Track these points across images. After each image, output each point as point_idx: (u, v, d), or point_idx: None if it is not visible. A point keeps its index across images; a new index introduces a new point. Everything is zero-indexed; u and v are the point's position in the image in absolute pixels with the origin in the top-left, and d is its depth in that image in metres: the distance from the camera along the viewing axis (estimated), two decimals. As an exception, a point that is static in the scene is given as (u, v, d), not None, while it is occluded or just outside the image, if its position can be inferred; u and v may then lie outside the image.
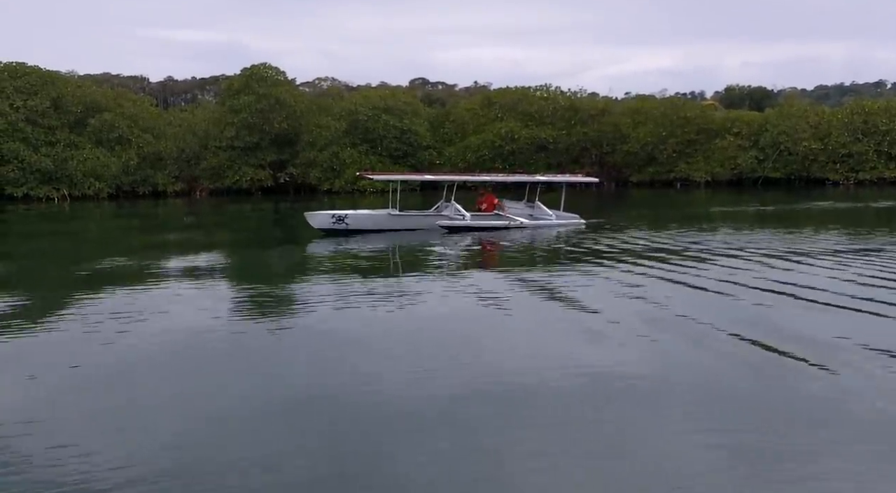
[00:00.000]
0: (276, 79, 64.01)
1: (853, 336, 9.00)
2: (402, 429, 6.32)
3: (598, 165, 67.94)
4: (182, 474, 5.52)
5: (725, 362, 8.07)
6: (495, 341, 9.37)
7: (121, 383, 7.82)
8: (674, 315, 10.29)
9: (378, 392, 7.29)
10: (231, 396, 7.28)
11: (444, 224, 24.70)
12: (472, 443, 5.95)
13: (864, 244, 18.79)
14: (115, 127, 58.78)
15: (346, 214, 24.92)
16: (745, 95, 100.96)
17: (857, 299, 11.33)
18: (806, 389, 7.16)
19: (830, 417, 6.46)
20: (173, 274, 15.84)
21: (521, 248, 20.57)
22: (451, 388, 7.34)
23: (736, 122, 67.61)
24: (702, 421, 6.39)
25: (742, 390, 7.12)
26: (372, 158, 63.41)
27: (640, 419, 6.47)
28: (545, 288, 13.05)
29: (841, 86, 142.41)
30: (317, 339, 9.60)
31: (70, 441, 6.15)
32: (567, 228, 25.43)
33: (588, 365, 7.99)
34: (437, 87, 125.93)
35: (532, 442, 5.95)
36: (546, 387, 7.28)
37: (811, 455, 5.72)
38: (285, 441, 6.08)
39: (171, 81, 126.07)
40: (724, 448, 5.83)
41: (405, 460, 5.71)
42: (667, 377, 7.60)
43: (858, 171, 62.94)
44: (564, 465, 5.59)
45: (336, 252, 20.25)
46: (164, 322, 10.58)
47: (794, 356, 8.14)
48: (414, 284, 14.07)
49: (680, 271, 14.39)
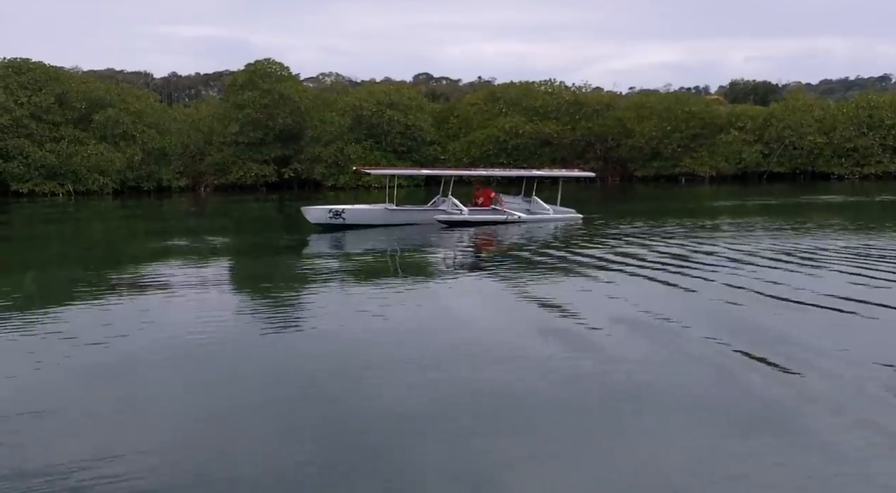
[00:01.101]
0: (280, 74, 64.00)
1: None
2: (399, 430, 6.30)
3: (603, 160, 67.89)
4: (180, 475, 5.51)
5: (703, 366, 7.89)
6: (475, 340, 9.29)
7: (121, 381, 7.82)
8: (657, 317, 10.03)
9: (376, 394, 7.24)
10: (225, 396, 7.22)
11: (442, 219, 24.52)
12: (471, 447, 5.91)
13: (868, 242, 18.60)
14: (119, 123, 58.83)
15: (343, 209, 24.67)
16: (749, 90, 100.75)
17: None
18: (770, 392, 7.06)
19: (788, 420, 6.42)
20: (171, 275, 15.64)
21: (517, 245, 20.17)
22: (448, 390, 7.29)
23: (741, 116, 67.52)
24: (698, 426, 6.37)
25: (722, 395, 7.06)
26: (376, 153, 63.40)
27: (639, 423, 6.43)
28: (538, 288, 12.90)
29: (846, 80, 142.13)
30: (314, 339, 9.53)
31: (68, 441, 6.15)
32: (564, 223, 25.27)
33: (579, 368, 7.92)
34: (441, 82, 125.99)
35: (523, 447, 5.91)
36: (533, 390, 7.18)
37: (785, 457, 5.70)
38: (280, 444, 6.04)
39: (175, 77, 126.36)
40: (716, 451, 5.83)
41: (404, 461, 5.70)
42: (658, 380, 7.50)
43: (864, 165, 62.83)
44: (554, 469, 5.58)
45: (334, 249, 20.18)
46: (161, 322, 10.46)
47: (764, 360, 7.97)
48: (413, 283, 13.98)
49: (670, 271, 14.00)
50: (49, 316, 10.95)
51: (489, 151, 64.91)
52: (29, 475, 5.46)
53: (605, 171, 68.32)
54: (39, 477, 5.40)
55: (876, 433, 5.92)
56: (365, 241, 21.13)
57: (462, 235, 22.21)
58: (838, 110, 65.96)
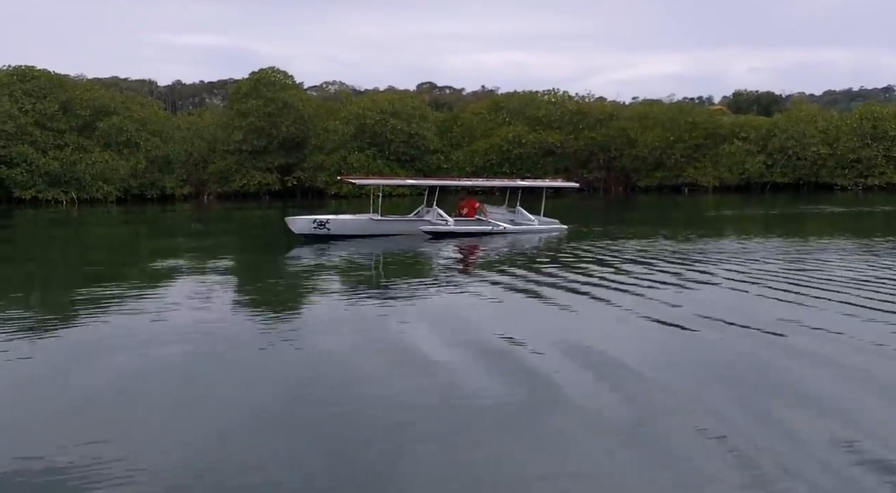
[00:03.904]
0: (284, 83, 64.11)
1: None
2: (397, 441, 6.32)
3: (606, 169, 67.91)
4: (178, 484, 5.53)
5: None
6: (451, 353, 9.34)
7: (121, 392, 7.82)
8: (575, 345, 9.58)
9: (373, 404, 7.26)
10: (222, 407, 7.25)
11: (427, 229, 24.35)
12: (465, 457, 5.94)
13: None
14: (123, 130, 58.93)
15: (328, 220, 24.32)
16: (753, 101, 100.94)
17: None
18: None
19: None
20: (169, 285, 15.62)
21: (501, 256, 20.01)
22: (439, 401, 7.32)
23: (744, 127, 67.48)
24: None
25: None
26: (379, 162, 63.44)
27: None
28: (524, 298, 12.92)
29: (849, 91, 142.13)
30: (306, 353, 9.47)
31: (65, 448, 6.16)
32: (549, 234, 25.14)
33: (560, 382, 7.93)
34: (445, 91, 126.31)
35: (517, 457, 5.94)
36: (512, 404, 7.20)
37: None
38: (278, 454, 6.05)
39: (179, 85, 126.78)
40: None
41: (400, 472, 5.72)
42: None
43: (867, 176, 62.77)
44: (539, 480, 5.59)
45: (320, 261, 19.67)
46: (158, 334, 10.41)
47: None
48: (402, 296, 13.77)
49: (624, 291, 13.55)
50: (41, 329, 10.92)
51: (492, 160, 64.96)
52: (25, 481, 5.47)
53: (608, 181, 68.39)
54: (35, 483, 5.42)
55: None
56: (351, 252, 20.85)
57: (448, 246, 22.00)
58: (842, 121, 65.90)
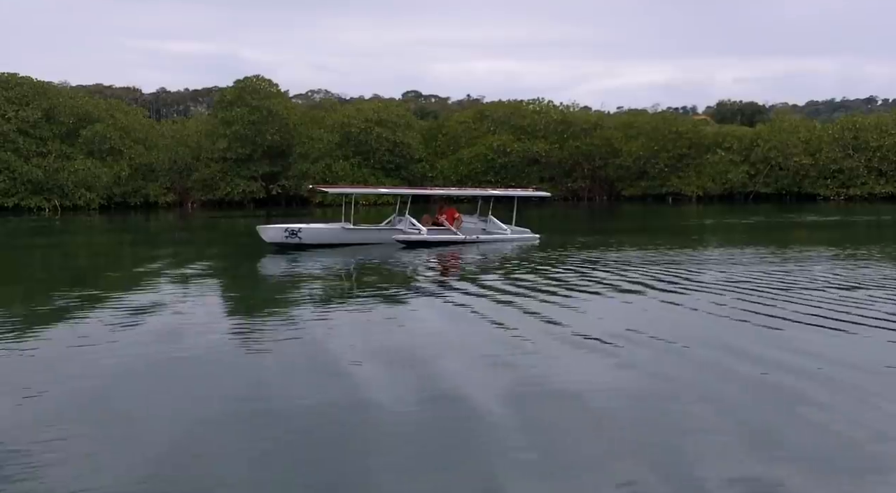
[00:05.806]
0: (269, 91, 63.99)
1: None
2: (379, 448, 6.35)
3: (591, 178, 68.20)
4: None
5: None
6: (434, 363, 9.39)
7: (106, 397, 7.85)
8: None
9: (354, 411, 7.30)
10: (202, 413, 7.26)
11: (400, 239, 24.46)
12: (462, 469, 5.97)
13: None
14: (107, 138, 58.69)
15: (300, 228, 24.34)
16: (736, 111, 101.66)
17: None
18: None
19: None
20: (152, 293, 15.58)
21: (474, 266, 20.11)
22: (422, 406, 7.41)
23: (727, 137, 67.96)
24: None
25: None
26: (364, 170, 63.44)
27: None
28: (457, 311, 12.98)
29: (832, 102, 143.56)
30: (292, 358, 9.53)
31: (58, 452, 6.20)
32: (521, 243, 25.27)
33: (545, 385, 8.08)
34: (430, 100, 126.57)
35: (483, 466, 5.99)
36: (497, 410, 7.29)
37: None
38: (260, 463, 6.05)
39: (163, 93, 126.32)
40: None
41: (382, 480, 5.75)
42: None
43: (849, 186, 63.26)
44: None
45: (294, 270, 19.53)
46: (135, 345, 10.37)
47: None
48: (378, 304, 13.78)
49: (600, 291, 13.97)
50: (22, 336, 10.86)
51: (477, 169, 65.09)
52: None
53: (592, 190, 68.67)
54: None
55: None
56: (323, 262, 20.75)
57: (421, 256, 22.03)
58: (824, 132, 66.45)
